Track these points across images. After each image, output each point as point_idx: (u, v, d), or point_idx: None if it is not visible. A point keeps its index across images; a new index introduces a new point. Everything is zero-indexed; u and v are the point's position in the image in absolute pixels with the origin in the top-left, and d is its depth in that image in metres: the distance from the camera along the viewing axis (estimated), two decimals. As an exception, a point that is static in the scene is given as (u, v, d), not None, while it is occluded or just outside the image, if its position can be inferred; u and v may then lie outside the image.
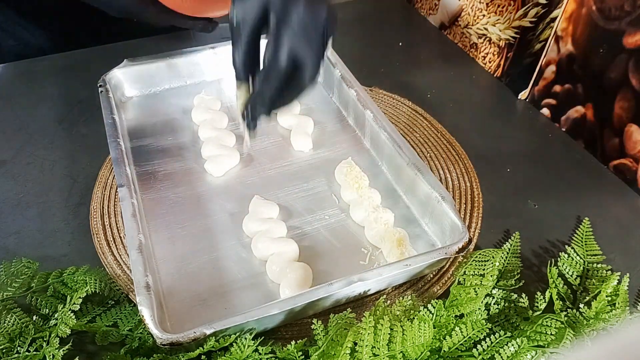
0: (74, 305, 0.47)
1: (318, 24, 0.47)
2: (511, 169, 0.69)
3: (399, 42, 0.93)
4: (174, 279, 0.54)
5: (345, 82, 0.72)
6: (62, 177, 0.66)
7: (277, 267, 0.54)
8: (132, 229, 0.52)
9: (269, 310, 0.46)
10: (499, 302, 0.51)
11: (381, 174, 0.66)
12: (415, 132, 0.74)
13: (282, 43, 0.46)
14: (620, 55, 0.64)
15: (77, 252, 0.57)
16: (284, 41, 0.46)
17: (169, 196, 0.63)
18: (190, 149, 0.69)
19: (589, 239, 0.58)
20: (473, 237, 0.60)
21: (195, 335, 0.44)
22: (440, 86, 0.83)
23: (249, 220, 0.58)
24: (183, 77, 0.78)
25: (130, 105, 0.75)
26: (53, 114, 0.75)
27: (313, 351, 0.46)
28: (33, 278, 0.52)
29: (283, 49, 0.46)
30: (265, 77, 0.48)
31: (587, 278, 0.54)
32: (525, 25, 0.77)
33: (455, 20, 0.91)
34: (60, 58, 0.85)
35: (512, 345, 0.46)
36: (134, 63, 0.74)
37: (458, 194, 0.65)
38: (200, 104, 0.73)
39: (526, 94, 0.80)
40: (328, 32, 0.49)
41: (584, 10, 0.67)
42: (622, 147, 0.66)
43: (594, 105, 0.69)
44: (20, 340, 0.47)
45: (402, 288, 0.56)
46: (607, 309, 0.50)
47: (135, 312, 0.50)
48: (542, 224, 0.62)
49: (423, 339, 0.46)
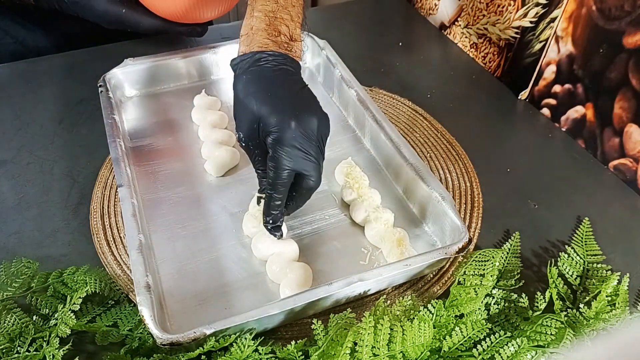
0: (74, 305, 0.47)
1: (311, 136, 0.49)
2: (511, 169, 0.69)
3: (399, 42, 0.93)
4: (174, 279, 0.54)
5: (345, 82, 0.72)
6: (62, 177, 0.66)
7: (277, 267, 0.54)
8: (132, 229, 0.52)
9: (269, 310, 0.46)
10: (499, 302, 0.51)
11: (381, 174, 0.66)
12: (415, 132, 0.74)
13: (280, 161, 0.49)
14: (620, 55, 0.64)
15: (77, 252, 0.57)
16: (281, 159, 0.49)
17: (169, 196, 0.63)
18: (190, 149, 0.69)
19: (589, 239, 0.58)
20: (473, 237, 0.60)
21: (195, 335, 0.44)
22: (440, 86, 0.83)
23: (249, 220, 0.58)
24: (183, 77, 0.78)
25: (130, 105, 0.75)
26: (53, 114, 0.75)
27: (313, 351, 0.46)
28: (33, 278, 0.52)
29: (282, 167, 0.49)
30: (272, 188, 0.51)
31: (587, 278, 0.54)
32: (525, 25, 0.77)
33: (455, 20, 0.91)
34: (60, 58, 0.84)
35: (512, 345, 0.46)
36: (134, 63, 0.74)
37: (458, 194, 0.65)
38: (200, 104, 0.73)
39: (526, 94, 0.80)
40: (323, 135, 0.51)
41: (584, 10, 0.67)
42: (622, 147, 0.66)
43: (594, 105, 0.69)
44: (20, 340, 0.47)
45: (402, 288, 0.56)
46: (607, 309, 0.50)
47: (135, 312, 0.50)
48: (542, 224, 0.62)
49: (423, 339, 0.46)
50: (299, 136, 0.48)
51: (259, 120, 0.49)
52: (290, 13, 0.55)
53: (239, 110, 0.51)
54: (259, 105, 0.49)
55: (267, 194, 0.51)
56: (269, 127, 0.49)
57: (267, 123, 0.49)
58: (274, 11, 0.54)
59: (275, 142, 0.49)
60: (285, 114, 0.49)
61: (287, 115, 0.49)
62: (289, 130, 0.48)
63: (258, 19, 0.54)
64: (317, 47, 0.79)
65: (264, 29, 0.53)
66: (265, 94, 0.50)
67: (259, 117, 0.49)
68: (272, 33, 0.53)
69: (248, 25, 0.54)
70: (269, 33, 0.53)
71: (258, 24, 0.53)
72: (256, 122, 0.50)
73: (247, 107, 0.50)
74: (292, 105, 0.50)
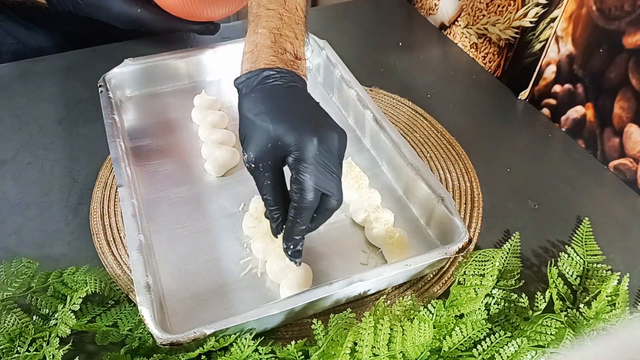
0: (74, 305, 0.47)
1: (333, 154, 0.47)
2: (511, 169, 0.69)
3: (399, 42, 0.93)
4: (174, 279, 0.54)
5: (345, 82, 0.72)
6: (62, 177, 0.66)
7: (277, 267, 0.54)
8: (132, 229, 0.52)
9: (269, 310, 0.46)
10: (499, 302, 0.51)
11: (381, 174, 0.66)
12: (415, 132, 0.74)
13: (306, 182, 0.46)
14: (620, 55, 0.64)
15: (77, 252, 0.57)
16: (307, 180, 0.46)
17: (169, 196, 0.63)
18: (190, 149, 0.69)
19: (589, 239, 0.58)
20: (473, 237, 0.60)
21: (195, 335, 0.44)
22: (440, 86, 0.83)
23: (249, 220, 0.58)
24: (183, 77, 0.78)
25: (130, 105, 0.75)
26: (53, 114, 0.75)
27: (313, 351, 0.46)
28: (33, 278, 0.52)
29: (308, 188, 0.46)
30: (297, 213, 0.48)
31: (587, 278, 0.54)
32: (525, 25, 0.77)
33: (455, 20, 0.91)
34: (60, 58, 0.84)
35: (512, 345, 0.46)
36: (134, 63, 0.74)
37: (458, 194, 0.65)
38: (200, 104, 0.73)
39: (526, 94, 0.80)
40: (342, 152, 0.49)
41: (584, 10, 0.67)
42: (622, 147, 0.66)
43: (594, 105, 0.69)
44: (20, 340, 0.47)
45: (402, 288, 0.56)
46: (607, 309, 0.50)
47: (135, 312, 0.50)
48: (542, 224, 0.62)
49: (423, 339, 0.46)
50: (322, 153, 0.46)
51: (275, 140, 0.46)
52: (294, 30, 0.54)
53: (248, 130, 0.48)
54: (274, 123, 0.46)
55: (291, 218, 0.48)
56: (289, 146, 0.46)
57: (286, 142, 0.46)
58: (278, 28, 0.53)
59: (298, 162, 0.46)
60: (305, 130, 0.46)
61: (307, 132, 0.46)
62: (311, 147, 0.45)
63: (263, 36, 0.52)
64: (317, 47, 0.79)
65: (269, 45, 0.51)
66: (279, 111, 0.47)
67: (276, 137, 0.46)
68: (277, 50, 0.51)
69: (252, 42, 0.52)
70: (275, 50, 0.51)
71: (263, 40, 0.52)
72: (271, 141, 0.47)
73: (259, 126, 0.47)
74: (311, 121, 0.47)
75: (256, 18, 0.54)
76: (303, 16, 0.56)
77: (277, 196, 0.49)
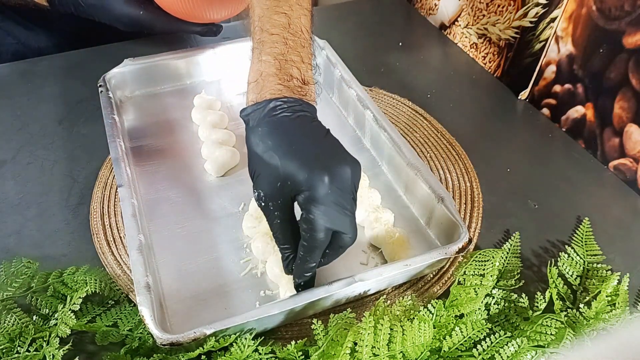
0: (74, 305, 0.47)
1: (346, 188, 0.45)
2: (511, 169, 0.69)
3: (399, 42, 0.93)
4: (174, 279, 0.54)
5: (345, 82, 0.72)
6: (62, 177, 0.66)
7: (277, 267, 0.53)
8: (132, 229, 0.52)
9: (269, 310, 0.46)
10: (499, 302, 0.51)
11: (381, 174, 0.66)
12: (415, 132, 0.74)
13: (317, 222, 0.44)
14: (620, 55, 0.64)
15: (77, 252, 0.57)
16: (318, 220, 0.44)
17: (169, 196, 0.63)
18: (190, 149, 0.69)
19: (589, 239, 0.58)
20: (473, 237, 0.60)
21: (195, 335, 0.44)
22: (440, 86, 0.83)
23: (249, 220, 0.58)
24: (183, 77, 0.78)
25: (130, 105, 0.75)
26: (53, 114, 0.75)
27: (313, 351, 0.46)
28: (33, 278, 0.52)
29: (319, 228, 0.44)
30: (307, 251, 0.46)
31: (587, 278, 0.54)
32: (525, 25, 0.77)
33: (455, 20, 0.91)
34: (60, 58, 0.84)
35: (512, 345, 0.46)
36: (134, 63, 0.74)
37: (458, 194, 0.65)
38: (200, 104, 0.73)
39: (526, 94, 0.80)
40: (356, 187, 0.46)
41: (584, 10, 0.67)
42: (622, 147, 0.66)
43: (594, 105, 0.69)
44: (20, 340, 0.47)
45: (402, 288, 0.55)
46: (607, 309, 0.50)
47: (135, 312, 0.50)
48: (542, 224, 0.62)
49: (423, 339, 0.46)
50: (334, 192, 0.44)
51: (285, 179, 0.45)
52: (300, 54, 0.50)
53: (257, 167, 0.46)
54: (283, 160, 0.44)
55: (300, 256, 0.47)
56: (299, 186, 0.44)
57: (296, 181, 0.44)
58: (283, 54, 0.50)
59: (309, 202, 0.44)
60: (315, 168, 0.44)
61: (318, 170, 0.44)
62: (322, 186, 0.43)
63: (267, 64, 0.49)
64: (317, 47, 0.79)
65: (274, 74, 0.49)
66: (288, 147, 0.45)
67: (285, 175, 0.44)
68: (283, 78, 0.49)
69: (257, 71, 0.49)
70: (281, 78, 0.48)
71: (268, 68, 0.49)
72: (280, 179, 0.45)
73: (267, 163, 0.45)
74: (322, 157, 0.45)
75: (259, 44, 0.51)
76: (309, 38, 0.53)
77: (287, 234, 0.48)
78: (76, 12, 0.75)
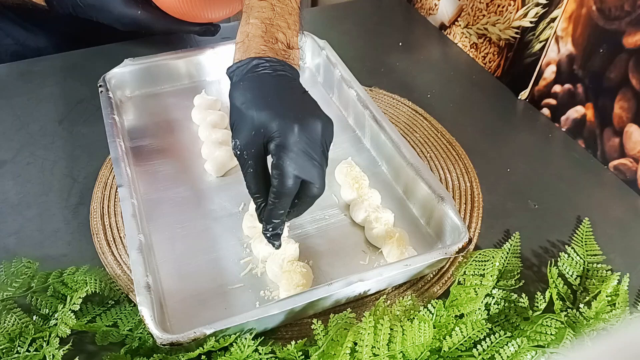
0: (74, 305, 0.47)
1: (316, 141, 0.47)
2: (511, 169, 0.69)
3: (399, 42, 0.93)
4: (174, 279, 0.54)
5: (345, 82, 0.72)
6: (62, 177, 0.66)
7: (277, 267, 0.54)
8: (132, 229, 0.52)
9: (269, 310, 0.46)
10: (499, 302, 0.51)
11: (381, 174, 0.66)
12: (415, 132, 0.74)
13: (285, 169, 0.46)
14: (620, 55, 0.64)
15: (77, 252, 0.57)
16: (287, 166, 0.46)
17: (169, 196, 0.63)
18: (190, 149, 0.69)
19: (589, 239, 0.58)
20: (473, 237, 0.60)
21: (195, 335, 0.44)
22: (440, 86, 0.83)
23: (249, 220, 0.58)
24: (183, 77, 0.78)
25: (130, 105, 0.75)
26: (53, 114, 0.75)
27: (313, 351, 0.46)
28: (33, 278, 0.52)
29: (287, 174, 0.47)
30: (276, 200, 0.48)
31: (587, 278, 0.54)
32: (525, 25, 0.77)
33: (455, 20, 0.91)
34: (60, 58, 0.84)
35: (512, 345, 0.46)
36: (134, 63, 0.74)
37: (458, 194, 0.65)
38: (200, 104, 0.73)
39: (526, 94, 0.80)
40: (328, 141, 0.49)
41: (584, 10, 0.67)
42: (622, 147, 0.66)
43: (594, 105, 0.69)
44: (20, 340, 0.47)
45: (402, 288, 0.56)
46: (607, 309, 0.50)
47: (135, 312, 0.50)
48: (542, 224, 0.62)
49: (423, 339, 0.46)
50: (303, 141, 0.46)
51: (259, 127, 0.47)
52: (287, 21, 0.54)
53: (236, 118, 0.49)
54: (259, 111, 0.47)
55: (270, 203, 0.49)
56: (270, 133, 0.47)
57: (268, 129, 0.47)
58: (270, 18, 0.53)
59: (279, 148, 0.46)
60: (287, 118, 0.47)
61: (290, 120, 0.46)
62: (292, 134, 0.46)
63: (254, 26, 0.52)
64: (317, 47, 0.79)
65: (260, 35, 0.52)
66: (264, 99, 0.48)
67: (259, 124, 0.47)
68: (269, 40, 0.51)
69: (244, 32, 0.53)
70: (266, 40, 0.51)
71: (254, 30, 0.52)
72: (255, 129, 0.47)
73: (244, 114, 0.48)
74: (295, 109, 0.48)
75: (248, 9, 0.54)
76: (297, 7, 0.56)
77: (259, 183, 0.50)
78: (74, 13, 0.75)
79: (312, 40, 0.80)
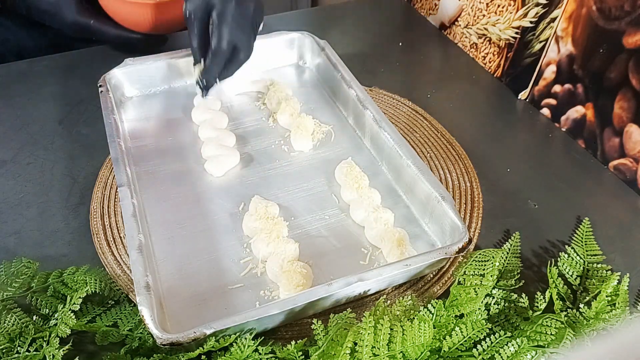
0: (74, 305, 0.47)
1: (247, 16, 0.64)
2: (511, 169, 0.69)
3: (399, 42, 0.93)
4: (174, 279, 0.54)
5: (345, 82, 0.72)
6: (62, 177, 0.66)
7: (277, 267, 0.54)
8: (132, 229, 0.52)
9: (269, 310, 0.46)
10: (499, 302, 0.51)
11: (381, 174, 0.66)
12: (415, 132, 0.74)
13: (222, 33, 0.62)
14: (620, 55, 0.64)
15: (77, 252, 0.58)
16: (223, 32, 0.62)
17: (169, 196, 0.63)
18: (190, 149, 0.69)
19: (589, 239, 0.58)
20: (473, 237, 0.60)
21: (195, 335, 0.44)
22: (440, 86, 0.83)
23: (249, 220, 0.58)
24: (183, 77, 0.78)
25: (130, 105, 0.75)
26: (53, 114, 0.75)
27: (313, 351, 0.46)
28: (33, 278, 0.52)
29: (224, 38, 0.63)
30: (213, 57, 0.64)
31: (587, 278, 0.54)
32: (525, 25, 0.77)
33: (455, 20, 0.91)
34: (60, 58, 0.84)
35: (512, 345, 0.46)
36: (134, 63, 0.74)
37: (458, 194, 0.65)
38: (200, 104, 0.73)
39: (526, 94, 0.80)
40: (257, 21, 0.67)
41: (584, 10, 0.67)
42: (622, 147, 0.66)
43: (594, 105, 0.69)
44: (20, 340, 0.47)
45: (402, 288, 0.56)
46: (607, 309, 0.50)
47: (135, 312, 0.50)
48: (542, 224, 0.62)
49: (423, 339, 0.46)
50: (238, 13, 0.62)
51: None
52: None
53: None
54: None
55: (208, 61, 0.64)
56: (216, 5, 0.62)
57: (213, 1, 0.62)
58: None
59: (219, 16, 0.62)
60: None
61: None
62: (229, 7, 0.62)
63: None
64: (317, 47, 0.79)
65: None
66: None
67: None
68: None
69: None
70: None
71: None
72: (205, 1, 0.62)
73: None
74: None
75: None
76: None
77: (200, 43, 0.65)
78: (27, 15, 0.78)
79: (312, 40, 0.80)
